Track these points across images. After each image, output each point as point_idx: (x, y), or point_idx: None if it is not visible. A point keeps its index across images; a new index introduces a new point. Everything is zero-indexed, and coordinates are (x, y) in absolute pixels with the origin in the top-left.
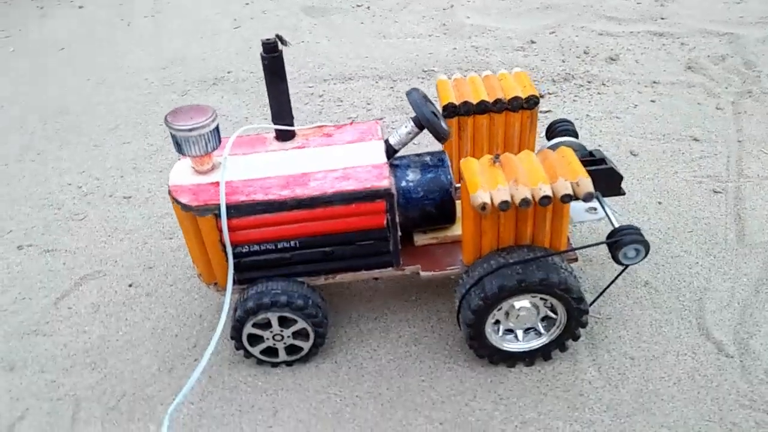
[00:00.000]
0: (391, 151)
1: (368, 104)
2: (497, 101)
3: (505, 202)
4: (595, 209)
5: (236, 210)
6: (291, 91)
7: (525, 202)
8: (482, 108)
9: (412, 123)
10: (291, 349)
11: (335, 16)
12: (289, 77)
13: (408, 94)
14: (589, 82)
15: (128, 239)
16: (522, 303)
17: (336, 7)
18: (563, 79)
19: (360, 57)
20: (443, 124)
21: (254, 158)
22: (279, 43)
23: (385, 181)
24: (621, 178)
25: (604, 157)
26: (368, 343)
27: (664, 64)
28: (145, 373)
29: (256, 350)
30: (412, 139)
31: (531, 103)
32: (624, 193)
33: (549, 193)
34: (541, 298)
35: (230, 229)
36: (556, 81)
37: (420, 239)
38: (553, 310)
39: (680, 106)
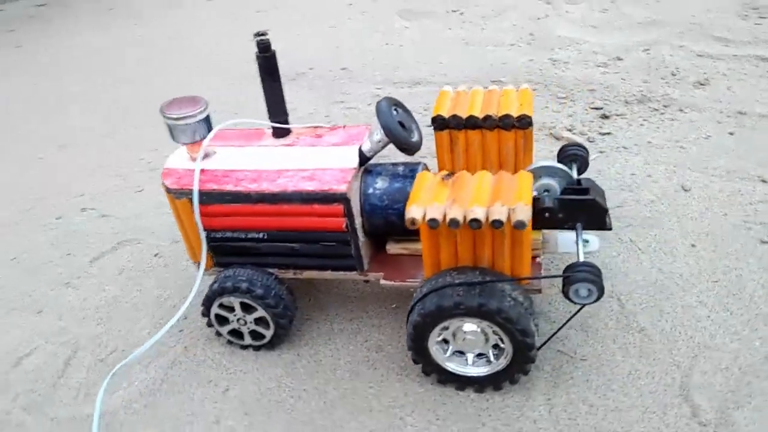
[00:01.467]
0: (363, 158)
1: (425, 110)
2: (487, 117)
3: (434, 220)
4: (587, 241)
5: (207, 197)
6: (359, 91)
7: (453, 222)
8: (472, 123)
9: (382, 131)
10: (255, 335)
11: (428, 20)
12: (362, 78)
13: (378, 103)
14: (665, 106)
15: (169, 213)
16: (470, 326)
17: (430, 11)
18: (637, 100)
19: (435, 62)
20: (414, 137)
21: (245, 151)
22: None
23: (344, 186)
24: (605, 211)
25: (590, 188)
26: (334, 342)
27: (760, 94)
28: (137, 334)
29: (224, 330)
30: (383, 147)
31: (523, 123)
32: (610, 228)
33: (479, 216)
34: (489, 325)
35: (202, 214)
36: (629, 102)
37: (392, 248)
38: (502, 338)
39: (761, 142)
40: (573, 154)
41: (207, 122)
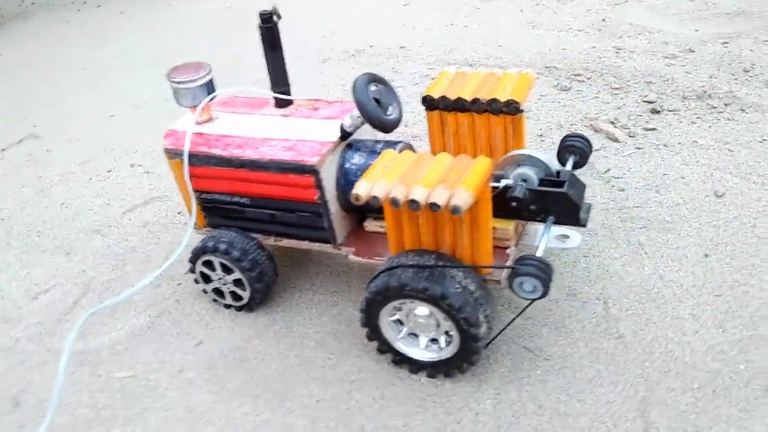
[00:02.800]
0: (343, 132)
1: None
2: (475, 101)
3: (375, 197)
4: (567, 237)
5: (196, 159)
6: (410, 70)
7: (394, 201)
8: (461, 105)
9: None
10: (235, 296)
11: (500, 1)
12: (417, 57)
13: (356, 78)
14: (726, 104)
15: None
16: (423, 310)
17: None
18: (697, 96)
19: (494, 45)
20: (391, 114)
21: (243, 118)
22: (274, 16)
23: (315, 158)
24: (577, 206)
25: (566, 181)
26: (309, 312)
27: None
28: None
29: (208, 287)
30: (362, 123)
31: (511, 108)
32: (584, 225)
33: (418, 197)
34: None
35: (194, 175)
36: (687, 98)
37: (369, 225)
38: None
39: None
40: (572, 146)
41: (208, 88)
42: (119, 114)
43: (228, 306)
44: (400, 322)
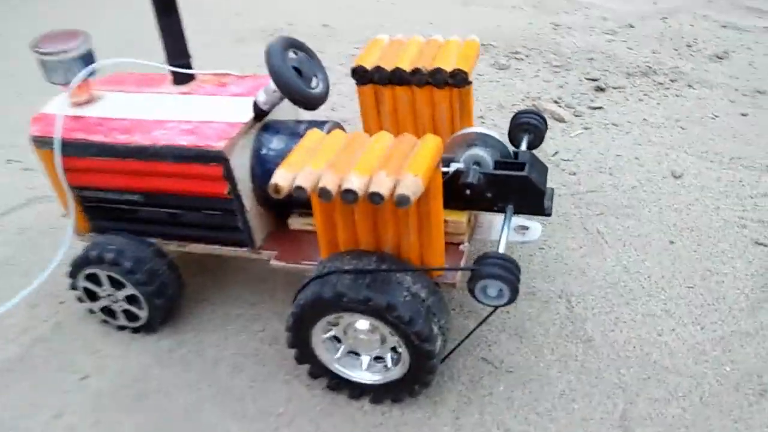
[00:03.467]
0: (258, 111)
1: None
2: (416, 71)
3: (300, 188)
4: (526, 228)
5: (72, 148)
6: (336, 50)
7: (324, 192)
8: (398, 77)
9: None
10: (130, 315)
11: None
12: (342, 36)
13: (271, 42)
14: (672, 80)
15: None
16: (363, 324)
17: None
18: (642, 73)
19: (424, 23)
20: (316, 87)
21: (134, 97)
22: None
23: (222, 143)
24: (542, 193)
25: (527, 163)
26: (225, 330)
27: None
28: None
29: (96, 307)
30: (281, 98)
31: (458, 79)
32: (548, 214)
33: (355, 186)
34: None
35: (70, 168)
36: (631, 74)
37: (294, 222)
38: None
39: None
40: (525, 123)
41: (86, 60)
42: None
43: (122, 328)
44: (336, 339)
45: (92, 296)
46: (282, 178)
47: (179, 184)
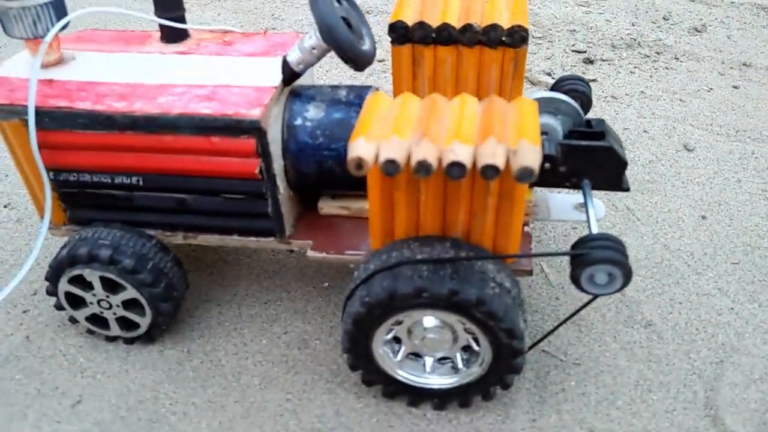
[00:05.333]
0: (289, 73)
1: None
2: (466, 28)
3: (392, 162)
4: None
5: (51, 119)
6: (296, 16)
7: (423, 167)
8: (446, 36)
9: (316, 35)
10: (126, 323)
11: None
12: (302, 3)
13: None
14: (658, 53)
15: None
16: (432, 321)
17: None
18: (626, 45)
19: None
20: (365, 44)
21: (117, 58)
22: None
23: (257, 110)
24: (624, 164)
25: (606, 131)
26: (241, 334)
27: (764, 45)
28: None
29: (80, 315)
30: (319, 58)
31: (516, 38)
32: (627, 189)
33: (463, 159)
34: (459, 320)
35: (46, 145)
36: (616, 47)
37: (326, 206)
38: (476, 339)
39: None
40: (572, 90)
41: (57, 9)
42: None
43: (111, 338)
44: (396, 339)
45: (75, 303)
46: (365, 150)
47: (195, 163)
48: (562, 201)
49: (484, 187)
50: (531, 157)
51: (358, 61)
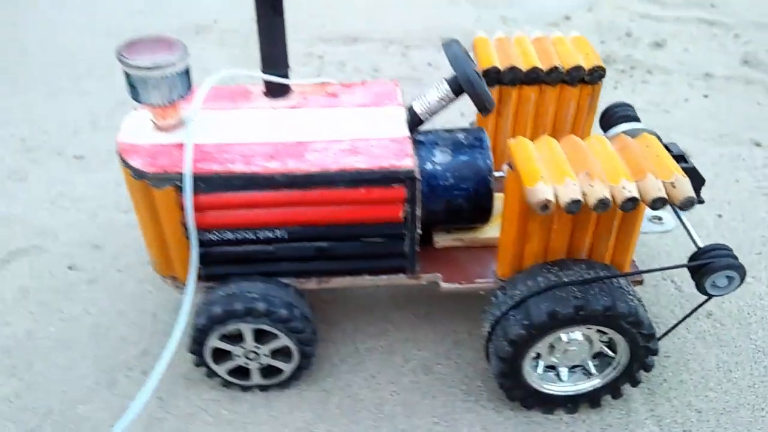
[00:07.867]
0: (415, 121)
1: (375, 71)
2: (553, 70)
3: (576, 202)
4: (660, 219)
5: (206, 183)
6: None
7: (603, 204)
8: (533, 77)
9: (446, 86)
10: (267, 371)
11: None
12: (287, 35)
13: (446, 46)
14: (632, 67)
15: (75, 209)
16: (574, 335)
17: None
18: (603, 62)
19: (367, 18)
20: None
21: (234, 116)
22: None
23: (408, 161)
24: (703, 181)
25: (684, 154)
26: (366, 368)
27: (717, 56)
28: (78, 385)
29: (222, 369)
30: (444, 107)
31: (595, 76)
32: (702, 201)
33: (635, 194)
34: (598, 330)
35: (198, 208)
36: None
37: (442, 240)
38: (610, 345)
39: (738, 104)
40: (625, 116)
41: (188, 75)
42: None
43: (247, 388)
44: (537, 355)
45: (219, 358)
46: (548, 193)
47: (342, 213)
48: None
49: (610, 215)
50: (687, 188)
51: (490, 107)
